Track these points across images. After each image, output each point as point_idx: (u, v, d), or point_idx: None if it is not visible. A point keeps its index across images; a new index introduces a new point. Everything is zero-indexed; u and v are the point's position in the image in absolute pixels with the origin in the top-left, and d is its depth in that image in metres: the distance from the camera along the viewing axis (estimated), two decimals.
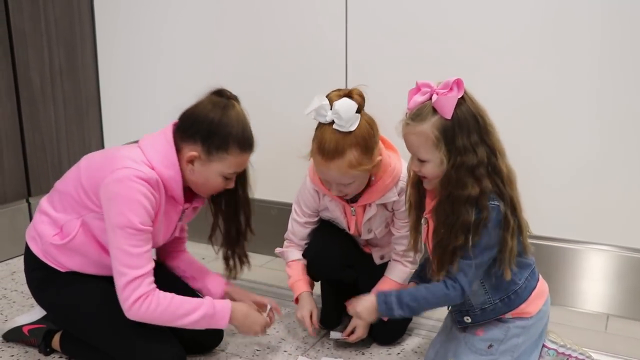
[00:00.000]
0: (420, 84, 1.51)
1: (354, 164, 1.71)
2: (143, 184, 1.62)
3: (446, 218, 1.48)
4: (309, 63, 2.50)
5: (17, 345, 1.96)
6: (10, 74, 2.67)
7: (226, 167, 1.71)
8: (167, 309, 1.64)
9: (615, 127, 2.04)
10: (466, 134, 1.45)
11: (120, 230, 1.61)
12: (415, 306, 1.59)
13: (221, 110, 1.70)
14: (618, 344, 1.97)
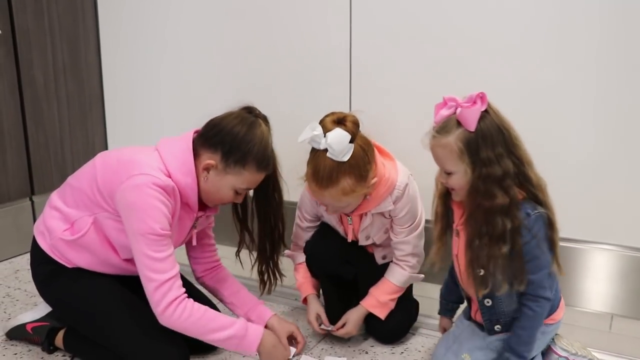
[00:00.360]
0: (447, 99, 1.53)
1: (347, 191, 1.72)
2: (159, 191, 1.62)
3: (480, 228, 1.50)
4: (313, 63, 2.49)
5: (20, 343, 1.95)
6: (13, 73, 2.66)
7: (240, 182, 1.72)
8: (200, 320, 1.65)
9: (620, 126, 2.02)
10: (490, 146, 1.48)
11: (142, 237, 1.62)
12: (530, 346, 1.59)
13: (247, 126, 1.71)
14: (623, 343, 1.96)
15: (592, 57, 2.02)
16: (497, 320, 1.63)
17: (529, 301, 1.56)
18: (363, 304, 1.91)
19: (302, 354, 1.88)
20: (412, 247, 1.91)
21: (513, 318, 1.61)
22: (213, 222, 1.99)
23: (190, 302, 1.66)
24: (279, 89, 2.59)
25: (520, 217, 1.49)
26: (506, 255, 1.49)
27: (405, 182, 1.84)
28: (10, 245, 2.70)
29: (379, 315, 1.90)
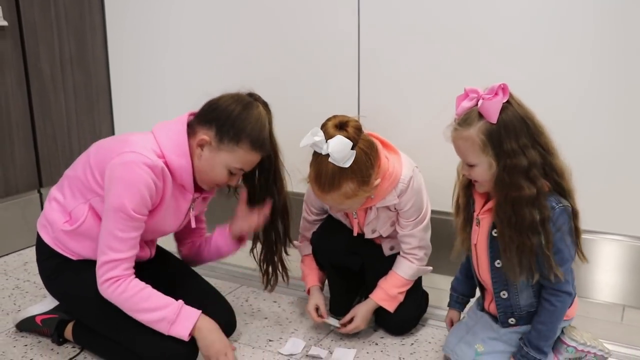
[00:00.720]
0: (468, 90, 1.52)
1: (350, 195, 1.72)
2: (147, 171, 1.62)
3: (509, 220, 1.49)
4: (322, 54, 2.47)
5: (30, 335, 1.95)
6: (20, 65, 2.65)
7: (233, 160, 1.70)
8: (132, 298, 1.64)
9: (628, 116, 2.00)
10: (514, 137, 1.46)
11: (113, 213, 1.63)
12: (550, 341, 1.59)
13: (242, 105, 1.70)
14: (634, 335, 1.94)
15: (599, 49, 2.00)
16: (512, 314, 1.62)
17: (550, 295, 1.54)
18: (372, 297, 1.90)
19: (312, 344, 1.87)
20: (419, 240, 1.90)
21: (528, 312, 1.60)
22: (206, 207, 1.97)
23: (128, 280, 1.65)
24: (287, 81, 2.57)
25: (549, 207, 1.48)
26: (535, 247, 1.48)
27: (410, 175, 1.82)
28: (19, 238, 2.70)
29: (388, 308, 1.89)
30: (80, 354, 1.83)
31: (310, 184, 1.75)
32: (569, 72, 2.05)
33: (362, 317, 1.89)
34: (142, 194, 1.62)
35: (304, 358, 1.82)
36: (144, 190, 1.62)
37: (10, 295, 2.25)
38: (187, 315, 1.67)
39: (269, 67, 2.60)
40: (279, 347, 1.87)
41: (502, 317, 1.64)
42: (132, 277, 1.67)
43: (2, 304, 2.18)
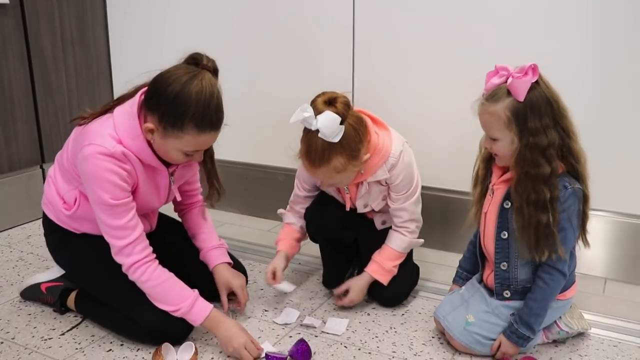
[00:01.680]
0: (499, 67, 1.54)
1: (339, 169, 1.72)
2: (106, 160, 1.58)
3: (529, 196, 1.51)
4: (318, 33, 2.47)
5: (34, 305, 1.97)
6: (22, 43, 2.65)
7: (183, 145, 1.61)
8: (154, 288, 1.66)
9: (612, 92, 2.01)
10: (538, 117, 1.49)
11: (97, 206, 1.62)
12: (540, 319, 1.61)
13: (182, 84, 1.55)
14: (615, 306, 1.98)
15: (592, 26, 2.01)
16: (508, 286, 1.65)
17: (545, 274, 1.57)
18: (368, 271, 1.92)
19: (306, 315, 1.90)
20: (410, 214, 1.92)
21: (523, 287, 1.63)
22: (197, 171, 1.93)
23: (152, 268, 1.66)
24: (281, 59, 2.59)
25: (559, 187, 1.51)
26: (546, 224, 1.51)
27: (400, 149, 1.84)
28: (23, 212, 2.71)
29: (382, 281, 1.91)
30: (82, 323, 1.85)
31: (301, 159, 1.76)
32: (559, 57, 2.06)
33: (358, 290, 1.91)
34: (112, 181, 1.59)
35: (298, 327, 1.84)
36: (112, 177, 1.59)
37: (14, 266, 2.28)
38: (199, 310, 1.68)
39: (266, 45, 2.60)
40: (274, 316, 1.90)
41: (498, 289, 1.66)
42: (154, 264, 1.67)
43: (7, 275, 2.20)
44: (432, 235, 2.37)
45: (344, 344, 1.75)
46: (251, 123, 2.68)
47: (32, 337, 1.78)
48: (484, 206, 1.68)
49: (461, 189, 2.33)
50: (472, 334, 1.65)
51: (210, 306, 1.70)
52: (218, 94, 1.60)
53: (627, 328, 1.83)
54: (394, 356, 1.69)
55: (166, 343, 1.64)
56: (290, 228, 2.05)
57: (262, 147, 2.72)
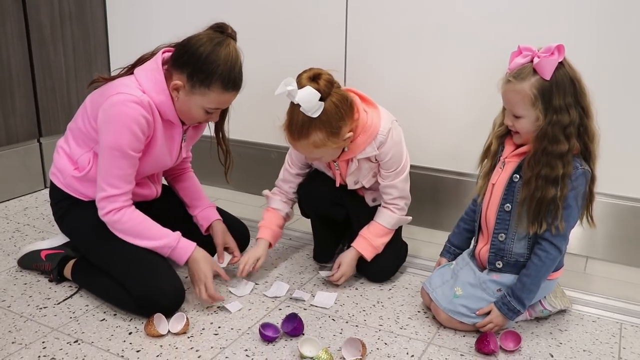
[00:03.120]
0: (522, 48, 1.55)
1: (318, 144, 1.72)
2: (135, 107, 1.64)
3: (541, 170, 1.52)
4: (310, 11, 2.44)
5: (30, 274, 1.96)
6: (21, 18, 2.60)
7: (207, 102, 1.70)
8: (135, 227, 1.72)
9: (604, 78, 2.00)
10: (562, 95, 1.50)
11: (108, 151, 1.66)
12: (532, 295, 1.61)
13: (212, 46, 1.66)
14: (595, 283, 1.99)
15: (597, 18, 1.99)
16: (502, 257, 1.65)
17: (542, 251, 1.58)
18: (354, 246, 1.91)
19: (295, 289, 1.89)
20: (400, 191, 1.90)
21: (516, 261, 1.63)
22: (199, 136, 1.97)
23: (131, 210, 1.72)
24: (274, 37, 2.56)
25: (572, 165, 1.53)
26: (552, 198, 1.52)
27: (389, 127, 1.82)
28: (20, 184, 2.69)
29: (366, 257, 1.90)
30: (77, 293, 1.84)
31: (284, 130, 1.76)
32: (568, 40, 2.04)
33: (348, 265, 1.90)
34: (133, 130, 1.64)
35: (288, 300, 1.84)
36: (134, 126, 1.64)
37: (11, 237, 2.26)
38: (186, 244, 1.76)
39: (260, 23, 2.57)
40: (265, 290, 1.89)
41: (492, 259, 1.66)
42: (133, 207, 1.73)
43: (3, 246, 2.18)
44: (421, 214, 2.37)
45: (332, 317, 1.74)
46: (244, 100, 2.64)
47: (28, 306, 1.76)
48: (493, 177, 1.68)
49: (449, 168, 2.32)
50: (458, 305, 1.65)
51: (194, 244, 1.78)
52: (241, 60, 1.71)
53: (606, 304, 1.84)
54: (381, 329, 1.69)
55: (158, 314, 1.63)
56: (275, 214, 2.01)
57: (254, 125, 2.70)
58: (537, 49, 1.53)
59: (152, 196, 1.92)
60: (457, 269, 1.74)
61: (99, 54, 2.96)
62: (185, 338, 1.62)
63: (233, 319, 1.72)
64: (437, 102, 2.27)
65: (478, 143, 1.76)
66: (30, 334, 1.62)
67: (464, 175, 2.29)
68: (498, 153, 1.69)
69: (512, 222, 1.62)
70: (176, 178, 2.05)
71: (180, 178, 2.05)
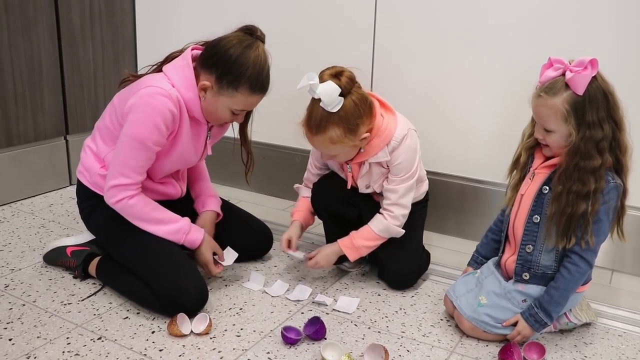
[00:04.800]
0: (553, 60, 1.52)
1: (335, 140, 1.73)
2: (163, 100, 1.66)
3: (572, 185, 1.50)
4: (338, 15, 2.44)
5: (54, 270, 1.97)
6: (53, 16, 2.63)
7: (234, 104, 1.73)
8: (146, 211, 1.74)
9: (632, 82, 1.97)
10: (595, 110, 1.47)
11: (128, 140, 1.68)
12: (559, 308, 1.59)
13: (242, 48, 1.68)
14: (620, 297, 1.96)
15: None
16: (529, 269, 1.62)
17: (571, 264, 1.55)
18: (338, 241, 1.90)
19: (318, 292, 1.88)
20: (399, 197, 1.86)
21: (543, 273, 1.61)
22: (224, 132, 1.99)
23: (143, 196, 1.74)
24: (301, 42, 2.56)
25: (604, 179, 1.50)
26: (582, 213, 1.50)
27: (404, 134, 1.82)
28: (46, 181, 2.72)
29: (348, 256, 1.88)
30: (101, 290, 1.85)
31: (303, 126, 1.77)
32: (594, 49, 2.02)
33: (325, 256, 1.90)
34: (157, 123, 1.66)
35: (310, 304, 1.83)
36: (159, 119, 1.65)
37: (36, 233, 2.28)
38: (197, 229, 1.82)
39: (286, 27, 2.57)
40: (287, 293, 1.89)
41: (518, 270, 1.64)
42: (141, 193, 1.74)
43: (29, 241, 2.20)
44: (446, 222, 2.36)
45: (354, 322, 1.73)
46: (269, 103, 2.65)
47: (52, 302, 1.78)
48: (522, 188, 1.66)
49: (474, 176, 2.30)
50: (483, 314, 1.63)
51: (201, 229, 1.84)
52: (269, 63, 1.73)
53: (632, 319, 1.81)
54: (403, 336, 1.67)
55: (181, 313, 1.63)
56: (306, 201, 2.05)
57: (279, 128, 2.69)
58: (568, 62, 1.50)
59: (177, 195, 1.93)
60: (481, 278, 1.72)
61: (126, 51, 2.98)
62: (208, 339, 1.62)
63: (255, 321, 1.71)
64: (462, 110, 2.26)
65: (503, 152, 1.75)
66: (55, 329, 1.63)
67: (488, 184, 2.27)
68: (527, 164, 1.67)
69: (540, 234, 1.60)
70: (189, 169, 2.06)
71: (192, 169, 2.06)
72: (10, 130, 2.55)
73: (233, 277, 1.97)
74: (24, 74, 2.56)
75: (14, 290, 1.84)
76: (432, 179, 1.98)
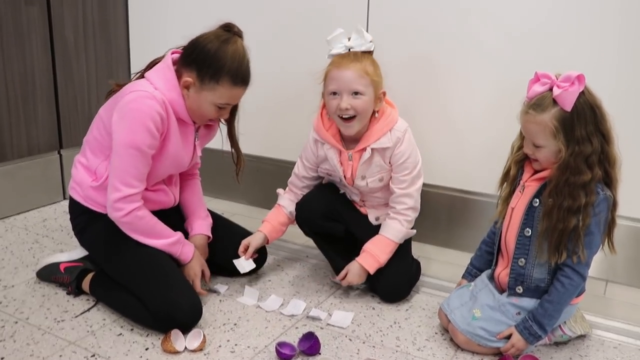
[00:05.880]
0: (540, 75, 1.52)
1: (368, 71, 1.79)
2: (149, 103, 1.66)
3: (563, 201, 1.49)
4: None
5: (48, 286, 1.95)
6: (46, 31, 2.62)
7: (217, 98, 1.74)
8: (154, 226, 1.76)
9: (620, 94, 1.97)
10: (583, 125, 1.47)
11: (124, 149, 1.67)
12: (553, 320, 1.58)
13: (220, 43, 1.71)
14: (615, 308, 1.95)
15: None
16: (522, 282, 1.62)
17: (565, 277, 1.55)
18: (361, 263, 1.88)
19: (312, 307, 1.87)
20: (415, 201, 1.89)
21: (537, 286, 1.60)
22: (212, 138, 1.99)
23: (145, 211, 1.75)
24: (295, 56, 2.55)
25: (595, 193, 1.49)
26: (573, 227, 1.49)
27: (406, 126, 1.87)
28: (40, 195, 2.70)
29: (371, 272, 1.88)
30: (95, 307, 1.83)
31: (332, 64, 1.82)
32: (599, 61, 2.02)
33: (356, 275, 1.89)
34: (148, 126, 1.66)
35: (305, 319, 1.82)
36: (149, 122, 1.66)
37: (30, 248, 2.26)
38: (189, 243, 1.86)
39: (280, 41, 2.57)
40: (281, 307, 1.88)
41: (512, 283, 1.63)
42: (144, 208, 1.76)
43: (22, 257, 2.18)
44: (436, 233, 2.36)
45: (348, 337, 1.72)
46: (262, 116, 2.65)
47: (46, 319, 1.76)
48: (512, 201, 1.66)
49: (465, 187, 2.30)
50: (477, 328, 1.62)
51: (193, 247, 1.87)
52: (248, 57, 1.76)
53: (627, 330, 1.80)
54: (398, 350, 1.66)
55: (175, 329, 1.62)
56: (280, 210, 2.05)
57: (273, 141, 2.70)
58: (555, 77, 1.50)
59: (170, 203, 1.92)
60: (475, 291, 1.71)
61: (120, 64, 2.97)
62: (202, 355, 1.60)
63: (250, 336, 1.70)
64: (454, 121, 2.25)
65: (494, 163, 1.75)
66: (48, 347, 1.62)
67: (479, 195, 2.26)
68: (517, 177, 1.67)
69: (532, 247, 1.60)
70: (182, 184, 2.04)
71: (186, 185, 2.04)
72: (3, 145, 2.53)
73: (227, 292, 1.96)
74: (17, 88, 2.55)
75: (7, 307, 1.82)
76: (423, 191, 1.97)
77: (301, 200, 2.01)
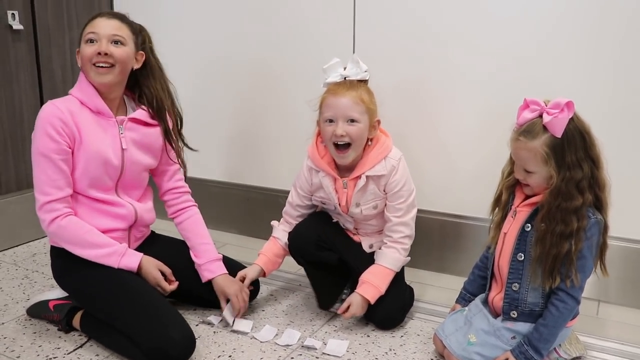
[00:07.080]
0: (529, 101, 1.52)
1: (364, 99, 1.80)
2: (49, 109, 1.70)
3: (555, 227, 1.49)
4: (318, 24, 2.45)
5: (39, 323, 1.92)
6: (34, 67, 2.62)
7: (85, 35, 1.76)
8: (84, 235, 1.72)
9: (610, 117, 1.99)
10: (574, 151, 1.48)
11: (34, 158, 1.72)
12: (549, 344, 1.57)
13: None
14: (608, 328, 1.94)
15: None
16: (516, 307, 1.60)
17: (559, 301, 1.54)
18: (362, 294, 1.86)
19: (307, 336, 1.85)
20: (410, 230, 1.90)
21: (531, 310, 1.59)
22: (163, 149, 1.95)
23: (76, 219, 1.73)
24: (286, 84, 2.55)
25: (587, 217, 1.50)
26: (566, 252, 1.49)
27: (399, 155, 1.88)
28: (28, 230, 2.66)
29: (372, 302, 1.86)
30: (87, 343, 1.80)
31: (328, 91, 1.83)
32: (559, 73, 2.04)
33: (358, 306, 1.86)
34: (47, 131, 1.68)
35: (300, 348, 1.79)
36: (48, 127, 1.68)
37: (20, 284, 2.22)
38: (134, 253, 1.78)
39: (271, 70, 2.58)
40: (276, 337, 1.85)
41: (506, 308, 1.62)
42: (73, 215, 1.74)
43: (12, 293, 2.15)
44: (428, 258, 2.35)
45: None
46: (252, 145, 2.65)
47: (37, 356, 1.72)
48: (504, 226, 1.65)
49: (456, 212, 2.30)
50: (473, 353, 1.60)
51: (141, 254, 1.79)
52: None
53: (621, 350, 1.79)
54: None
55: None
56: (275, 243, 2.03)
57: (263, 170, 2.69)
58: (544, 103, 1.50)
59: (130, 216, 1.85)
60: (470, 316, 1.70)
61: None
62: None
63: None
64: (445, 145, 2.26)
65: (485, 187, 1.75)
66: None
67: (471, 219, 2.26)
68: (509, 202, 1.67)
69: (525, 271, 1.59)
70: (178, 214, 2.01)
71: (182, 214, 2.00)
72: None
73: (220, 323, 1.93)
74: (6, 124, 2.54)
75: None
76: (416, 216, 1.97)
77: (294, 230, 1.99)
